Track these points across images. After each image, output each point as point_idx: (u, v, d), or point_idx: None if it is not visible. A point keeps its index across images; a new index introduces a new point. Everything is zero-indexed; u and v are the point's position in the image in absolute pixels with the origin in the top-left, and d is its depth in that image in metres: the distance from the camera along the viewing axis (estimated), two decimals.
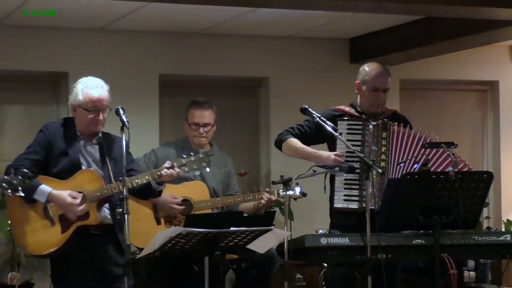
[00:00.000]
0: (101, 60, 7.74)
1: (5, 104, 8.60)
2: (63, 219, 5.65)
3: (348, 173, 6.27)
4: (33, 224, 5.72)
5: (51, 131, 5.79)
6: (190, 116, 7.28)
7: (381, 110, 6.46)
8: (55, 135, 5.78)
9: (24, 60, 8.35)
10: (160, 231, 5.39)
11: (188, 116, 7.29)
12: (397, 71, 9.20)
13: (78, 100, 5.72)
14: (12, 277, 7.56)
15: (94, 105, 5.69)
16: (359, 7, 7.11)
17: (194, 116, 7.25)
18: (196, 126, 7.22)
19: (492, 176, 6.22)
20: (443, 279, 5.98)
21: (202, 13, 7.77)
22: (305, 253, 6.17)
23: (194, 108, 7.29)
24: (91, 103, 5.69)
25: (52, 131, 5.79)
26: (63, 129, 5.81)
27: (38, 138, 5.81)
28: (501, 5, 6.91)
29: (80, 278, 5.62)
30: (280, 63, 9.00)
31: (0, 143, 8.54)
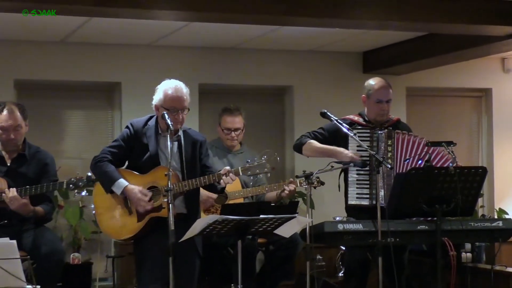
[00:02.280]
0: (149, 71, 7.75)
1: (67, 109, 8.64)
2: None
3: (361, 168, 6.27)
4: (114, 211, 5.72)
5: (135, 127, 5.72)
6: (222, 122, 7.27)
7: (385, 119, 6.46)
8: (138, 131, 5.71)
9: (83, 72, 8.38)
10: (200, 219, 5.37)
11: (221, 121, 7.28)
12: (403, 80, 9.19)
13: (160, 100, 5.65)
14: (74, 257, 7.57)
15: (173, 106, 5.63)
16: (369, 25, 7.11)
17: (226, 122, 7.25)
18: (228, 130, 7.22)
19: (486, 170, 6.18)
20: (444, 259, 5.95)
21: (235, 30, 7.78)
22: (324, 237, 6.16)
23: (226, 115, 7.28)
24: (170, 103, 5.63)
25: (136, 128, 5.72)
26: (146, 127, 5.73)
27: (123, 134, 5.78)
28: (493, 23, 6.94)
29: (157, 257, 5.55)
30: (302, 74, 8.98)
31: (64, 142, 8.56)
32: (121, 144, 5.75)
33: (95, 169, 5.74)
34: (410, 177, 5.99)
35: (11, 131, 6.16)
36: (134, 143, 5.72)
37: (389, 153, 6.32)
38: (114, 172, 5.65)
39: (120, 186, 5.58)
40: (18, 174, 6.20)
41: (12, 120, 6.15)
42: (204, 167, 5.78)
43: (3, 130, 6.18)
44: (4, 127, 6.16)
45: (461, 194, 5.90)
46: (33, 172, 6.23)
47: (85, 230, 7.70)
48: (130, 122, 5.83)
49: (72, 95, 8.60)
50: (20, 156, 6.28)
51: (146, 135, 5.72)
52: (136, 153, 5.72)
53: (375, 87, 6.46)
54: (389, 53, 8.77)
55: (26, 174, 6.20)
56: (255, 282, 6.92)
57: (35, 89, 8.41)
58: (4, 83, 8.08)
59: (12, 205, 5.96)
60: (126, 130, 5.78)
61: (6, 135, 6.18)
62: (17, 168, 6.25)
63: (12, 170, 6.23)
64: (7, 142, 6.21)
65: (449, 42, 7.90)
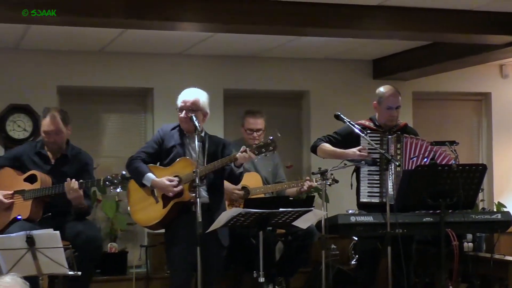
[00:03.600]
0: (178, 78, 7.78)
1: (105, 113, 8.66)
2: (164, 197, 5.77)
3: (371, 165, 6.26)
4: (144, 202, 5.90)
5: (164, 131, 5.99)
6: (246, 123, 7.28)
7: (395, 124, 6.45)
8: (166, 134, 5.96)
9: (119, 79, 8.40)
10: (224, 212, 5.38)
11: (244, 122, 7.29)
12: (410, 85, 9.16)
13: (177, 104, 5.89)
14: (111, 246, 7.61)
15: (182, 105, 5.85)
16: (377, 35, 7.10)
17: (249, 123, 7.25)
18: (251, 131, 7.22)
19: (486, 167, 6.17)
20: (447, 249, 5.94)
21: (256, 41, 7.77)
22: (338, 228, 6.16)
23: (249, 117, 7.29)
24: (180, 104, 5.85)
25: (165, 131, 5.99)
26: (174, 130, 5.96)
27: (154, 137, 6.10)
28: (492, 33, 6.91)
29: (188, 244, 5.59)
30: (317, 79, 8.97)
31: (102, 142, 8.59)
32: (152, 146, 5.98)
33: (129, 167, 5.96)
34: (416, 173, 5.98)
35: (53, 135, 6.20)
36: (163, 144, 5.93)
37: (398, 155, 6.31)
38: (144, 168, 5.86)
39: (149, 179, 5.80)
40: (60, 173, 6.23)
41: (54, 126, 6.18)
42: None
43: (46, 134, 6.22)
44: (46, 131, 6.21)
45: (463, 189, 5.89)
46: (74, 171, 6.26)
47: (121, 222, 7.74)
48: (161, 127, 6.10)
49: (109, 99, 8.63)
50: (63, 157, 6.32)
51: (173, 137, 5.92)
52: (165, 153, 5.91)
53: (386, 95, 6.45)
54: (396, 61, 8.75)
55: (67, 172, 6.23)
56: (275, 269, 6.93)
57: (76, 94, 8.43)
58: (48, 89, 8.12)
59: (70, 195, 5.99)
60: (157, 133, 6.04)
61: (49, 138, 6.22)
62: (60, 167, 6.28)
63: (55, 168, 6.27)
64: (50, 145, 6.26)
65: (451, 50, 7.88)
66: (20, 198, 6.15)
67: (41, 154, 6.29)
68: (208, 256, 5.48)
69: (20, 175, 6.25)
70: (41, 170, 6.22)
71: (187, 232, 5.59)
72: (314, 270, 7.43)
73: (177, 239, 5.75)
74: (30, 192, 6.12)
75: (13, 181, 6.24)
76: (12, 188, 6.20)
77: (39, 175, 6.18)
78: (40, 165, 6.27)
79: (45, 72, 8.15)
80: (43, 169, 6.24)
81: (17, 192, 6.17)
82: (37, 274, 5.35)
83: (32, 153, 6.32)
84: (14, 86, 8.04)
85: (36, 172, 6.20)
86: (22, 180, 6.22)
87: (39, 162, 6.28)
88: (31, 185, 6.16)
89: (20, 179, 6.23)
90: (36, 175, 6.18)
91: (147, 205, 5.87)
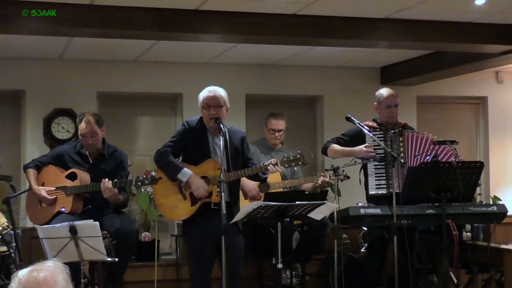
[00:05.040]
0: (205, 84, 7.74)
1: (139, 115, 8.69)
2: (192, 195, 5.60)
3: (379, 162, 6.26)
4: (171, 197, 5.70)
5: (190, 125, 5.72)
6: (268, 124, 7.27)
7: (395, 121, 6.44)
8: (191, 128, 5.70)
9: (152, 85, 8.43)
10: (246, 205, 5.38)
11: (267, 123, 7.29)
12: (414, 90, 9.13)
13: (199, 102, 5.66)
14: (144, 235, 7.63)
15: (207, 103, 5.60)
16: (384, 45, 7.09)
17: (271, 124, 7.25)
18: (273, 131, 7.22)
19: (483, 164, 6.16)
20: (448, 238, 5.92)
21: (275, 50, 7.77)
22: (349, 219, 6.16)
23: (271, 118, 7.28)
24: (205, 101, 5.62)
25: (190, 125, 5.71)
26: (197, 124, 5.71)
27: (180, 130, 5.79)
28: (489, 43, 6.89)
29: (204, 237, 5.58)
30: (331, 85, 8.96)
31: (136, 142, 8.62)
32: (178, 139, 5.73)
33: (160, 161, 5.71)
34: (420, 170, 5.97)
35: (89, 137, 6.23)
36: (188, 138, 5.69)
37: (401, 148, 6.30)
38: (178, 163, 5.65)
39: (186, 174, 5.56)
40: (98, 170, 6.26)
41: (89, 129, 6.21)
42: (247, 159, 5.75)
43: (83, 137, 6.26)
44: (83, 134, 6.24)
45: (462, 184, 5.87)
46: (111, 168, 6.29)
47: (154, 214, 7.74)
48: (186, 121, 5.84)
49: (143, 104, 8.66)
50: (100, 155, 6.35)
51: (197, 132, 5.68)
52: (190, 146, 5.69)
53: (385, 95, 6.46)
54: (402, 68, 8.72)
55: (105, 169, 6.26)
56: (292, 256, 6.93)
57: (113, 99, 8.47)
58: (88, 95, 8.16)
59: (105, 194, 6.01)
60: (182, 127, 5.77)
61: (85, 140, 6.26)
62: (98, 165, 6.31)
63: (94, 166, 6.30)
64: (87, 146, 6.30)
65: (452, 59, 7.85)
66: (63, 193, 6.19)
67: (81, 154, 6.33)
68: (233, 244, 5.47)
69: (62, 172, 6.29)
70: (81, 168, 6.26)
71: (208, 225, 5.55)
72: (327, 257, 7.42)
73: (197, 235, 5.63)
74: (71, 189, 6.16)
75: (56, 177, 6.29)
76: (55, 184, 6.25)
77: (79, 173, 6.22)
78: (80, 163, 6.31)
79: (86, 79, 8.20)
80: (82, 167, 6.28)
81: (59, 188, 6.21)
82: (79, 260, 5.39)
83: (73, 153, 6.35)
84: (59, 92, 8.09)
85: (76, 170, 6.24)
86: (64, 177, 6.26)
87: (79, 161, 6.32)
88: (71, 182, 6.21)
89: (62, 176, 6.27)
90: (76, 173, 6.23)
91: (175, 200, 5.68)
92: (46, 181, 6.30)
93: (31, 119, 8.05)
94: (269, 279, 7.07)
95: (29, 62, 8.02)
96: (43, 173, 6.35)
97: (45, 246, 5.40)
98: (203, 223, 5.58)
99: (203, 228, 5.58)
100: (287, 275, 7.02)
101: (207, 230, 5.54)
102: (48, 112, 8.03)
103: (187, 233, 5.75)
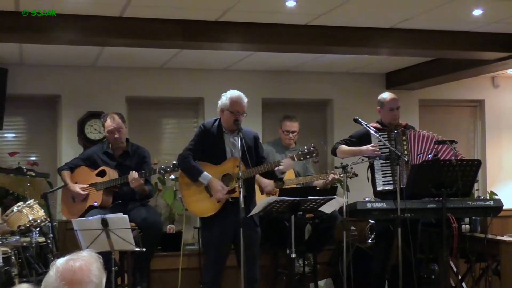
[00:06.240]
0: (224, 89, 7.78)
1: (164, 118, 8.71)
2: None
3: (384, 160, 6.24)
4: (197, 195, 5.70)
5: (206, 127, 5.69)
6: (283, 125, 7.26)
7: (397, 122, 6.42)
8: (208, 130, 5.68)
9: (176, 90, 8.45)
10: (262, 200, 5.39)
11: (282, 125, 7.27)
12: (417, 94, 9.11)
13: (225, 105, 5.59)
14: (169, 227, 7.64)
15: (237, 109, 5.56)
16: (388, 52, 7.08)
17: (286, 126, 7.23)
18: (287, 132, 7.20)
19: (480, 162, 6.13)
20: (448, 230, 5.90)
21: (289, 57, 7.78)
22: (357, 213, 6.14)
23: (286, 120, 7.27)
24: (234, 107, 5.56)
25: (207, 127, 5.69)
26: (214, 126, 5.68)
27: (197, 133, 5.76)
28: (486, 50, 6.87)
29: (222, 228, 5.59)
30: (340, 90, 8.94)
31: (161, 142, 8.64)
32: (197, 141, 5.72)
33: (183, 164, 5.73)
34: (422, 167, 5.95)
35: (116, 132, 6.29)
36: (205, 139, 5.68)
37: (404, 146, 6.29)
38: (199, 167, 5.64)
39: (206, 178, 5.58)
40: (124, 166, 6.31)
41: (115, 124, 6.28)
42: (261, 158, 5.75)
43: (110, 133, 6.31)
44: (110, 130, 6.30)
45: (461, 180, 5.84)
46: (135, 164, 6.33)
47: (178, 207, 7.77)
48: (202, 123, 5.83)
49: (168, 107, 8.68)
50: (125, 153, 6.40)
51: (214, 133, 5.66)
52: (207, 146, 5.67)
53: (387, 99, 6.44)
54: (405, 74, 8.69)
55: (130, 165, 6.31)
56: (304, 246, 6.92)
57: (141, 103, 8.49)
58: (118, 99, 8.20)
59: (133, 184, 6.04)
60: (200, 129, 5.75)
61: (112, 135, 6.31)
62: (123, 162, 6.36)
63: (120, 163, 6.36)
64: (114, 141, 6.33)
65: (451, 65, 7.83)
66: (94, 189, 6.24)
67: (108, 153, 6.40)
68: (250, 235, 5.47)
69: (92, 171, 6.35)
70: (109, 166, 6.32)
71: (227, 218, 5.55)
72: (337, 247, 7.41)
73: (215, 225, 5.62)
74: (101, 184, 6.22)
75: (87, 177, 6.35)
76: (87, 182, 6.31)
77: (108, 170, 6.28)
78: (108, 162, 6.36)
79: (116, 85, 8.24)
80: (110, 165, 6.34)
81: (91, 185, 6.26)
82: (110, 250, 5.41)
83: (101, 153, 6.42)
84: (91, 96, 8.13)
85: (105, 168, 6.30)
86: (94, 175, 6.32)
87: (106, 160, 6.37)
88: (101, 178, 6.26)
89: (92, 175, 6.32)
90: (105, 170, 6.28)
91: (201, 198, 5.68)
92: (78, 180, 6.36)
93: (66, 121, 8.10)
94: (284, 267, 7.07)
95: (64, 69, 8.07)
96: (76, 173, 6.41)
97: (79, 237, 5.43)
98: (221, 216, 5.60)
99: (221, 220, 5.59)
100: (300, 264, 7.01)
101: (225, 223, 5.55)
102: (82, 115, 8.08)
103: (206, 225, 5.75)
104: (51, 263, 2.58)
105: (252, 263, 5.52)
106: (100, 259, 2.61)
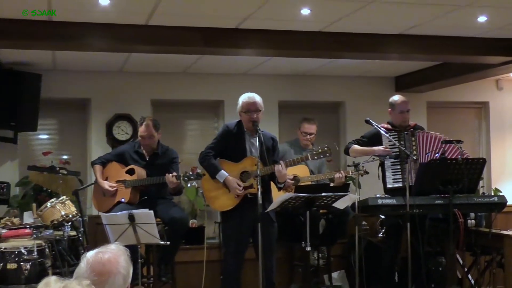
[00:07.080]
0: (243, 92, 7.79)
1: (187, 119, 8.74)
2: None
3: (394, 159, 6.22)
4: (217, 191, 5.71)
5: (229, 127, 5.72)
6: (302, 127, 7.22)
7: (407, 124, 6.40)
8: (231, 130, 5.70)
9: (198, 93, 8.47)
10: (279, 196, 5.38)
11: (301, 127, 7.23)
12: (425, 96, 9.06)
13: (240, 107, 5.65)
14: (192, 222, 7.65)
15: (248, 108, 5.60)
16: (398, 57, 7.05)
17: (304, 128, 7.19)
18: (306, 134, 7.17)
19: (485, 161, 6.11)
20: (454, 225, 5.87)
21: (303, 62, 7.78)
22: (368, 208, 6.13)
23: (305, 122, 7.22)
24: (247, 107, 5.61)
25: (230, 128, 5.72)
26: (236, 127, 5.71)
27: (220, 132, 5.80)
28: (490, 55, 6.83)
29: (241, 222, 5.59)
30: (352, 92, 8.93)
31: (185, 142, 8.67)
32: (219, 140, 5.73)
33: (203, 162, 5.74)
34: (430, 165, 5.93)
35: (147, 139, 6.28)
36: (228, 139, 5.70)
37: (413, 146, 6.26)
38: (217, 165, 5.66)
39: (222, 176, 5.61)
40: (153, 166, 6.31)
41: (147, 132, 6.25)
42: (273, 161, 5.69)
43: (142, 138, 6.31)
44: (142, 136, 6.29)
45: (467, 177, 5.82)
46: (164, 165, 6.32)
47: (200, 203, 7.79)
48: (226, 124, 5.88)
49: (190, 109, 8.70)
50: (155, 154, 6.39)
51: (235, 133, 5.69)
52: (229, 146, 5.69)
53: (398, 102, 6.40)
54: (414, 77, 8.66)
55: (158, 165, 6.31)
56: (318, 240, 6.91)
57: (165, 105, 8.53)
58: (143, 102, 8.24)
59: (171, 184, 6.03)
60: (222, 130, 5.79)
61: (143, 141, 6.31)
62: (153, 162, 6.36)
63: (149, 163, 6.35)
64: (144, 146, 6.35)
65: (458, 69, 7.79)
66: (122, 186, 6.26)
67: (139, 153, 6.38)
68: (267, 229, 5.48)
69: (122, 168, 6.35)
70: (138, 165, 6.32)
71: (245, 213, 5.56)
72: (349, 241, 7.39)
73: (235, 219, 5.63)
74: (130, 182, 6.22)
75: (118, 172, 6.35)
76: (117, 178, 6.31)
77: (137, 169, 6.28)
78: (138, 161, 6.36)
79: (142, 88, 8.27)
80: (140, 164, 6.33)
81: (119, 182, 6.28)
82: (137, 243, 5.44)
83: (132, 151, 6.41)
84: (119, 100, 8.18)
85: (134, 167, 6.30)
86: (124, 172, 6.32)
87: (137, 159, 6.37)
88: (130, 176, 6.26)
89: (122, 171, 6.33)
90: (134, 169, 6.28)
91: (221, 193, 5.69)
92: (109, 175, 6.38)
93: (96, 123, 8.15)
94: (299, 260, 7.07)
95: (94, 74, 8.12)
96: (107, 169, 6.42)
97: (108, 231, 5.46)
98: (240, 211, 5.61)
99: (240, 215, 5.60)
100: (314, 257, 7.00)
101: (244, 217, 5.56)
102: (110, 117, 8.12)
103: (226, 219, 5.76)
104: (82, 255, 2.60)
105: (269, 256, 5.52)
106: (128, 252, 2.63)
